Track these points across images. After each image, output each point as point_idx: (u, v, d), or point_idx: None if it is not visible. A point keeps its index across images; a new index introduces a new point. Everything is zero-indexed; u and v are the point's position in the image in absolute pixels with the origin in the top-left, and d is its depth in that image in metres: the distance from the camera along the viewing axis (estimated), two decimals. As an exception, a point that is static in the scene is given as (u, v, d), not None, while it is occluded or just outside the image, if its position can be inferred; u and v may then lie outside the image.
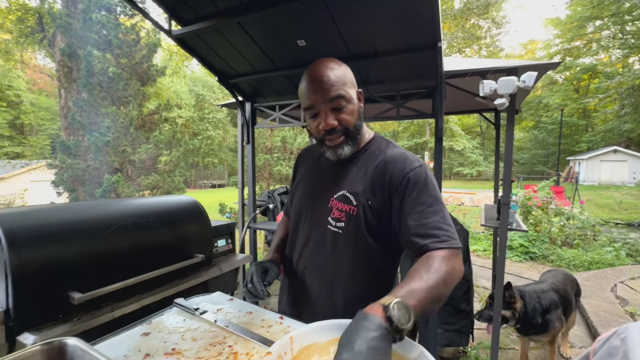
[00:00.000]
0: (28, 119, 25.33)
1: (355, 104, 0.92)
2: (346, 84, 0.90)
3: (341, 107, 0.88)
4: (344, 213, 0.92)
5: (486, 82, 1.91)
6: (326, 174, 1.02)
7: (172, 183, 5.97)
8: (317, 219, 0.99)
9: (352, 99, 0.90)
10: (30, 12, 10.86)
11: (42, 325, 1.17)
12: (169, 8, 1.88)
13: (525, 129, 32.02)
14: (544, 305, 2.22)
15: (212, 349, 0.81)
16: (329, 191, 0.97)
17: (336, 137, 0.90)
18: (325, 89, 0.87)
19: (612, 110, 22.01)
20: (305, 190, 1.07)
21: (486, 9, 25.31)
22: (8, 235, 1.14)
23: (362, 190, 0.91)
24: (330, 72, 0.88)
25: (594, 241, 5.99)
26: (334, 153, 0.93)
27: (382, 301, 0.62)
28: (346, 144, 0.92)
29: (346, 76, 0.91)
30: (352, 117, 0.90)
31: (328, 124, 0.88)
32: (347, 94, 0.89)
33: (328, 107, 0.88)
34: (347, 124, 0.90)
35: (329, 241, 0.95)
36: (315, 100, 0.88)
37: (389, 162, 0.90)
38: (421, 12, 1.61)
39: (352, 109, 0.90)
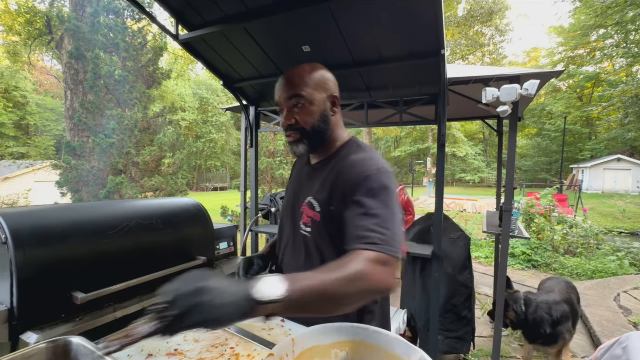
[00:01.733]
0: (33, 120, 25.58)
1: (320, 106, 0.93)
2: (311, 86, 0.92)
3: (299, 106, 0.92)
4: (310, 219, 0.95)
5: (489, 90, 1.92)
6: (304, 179, 1.05)
7: (174, 185, 6.00)
8: (293, 223, 1.02)
9: (314, 100, 0.92)
10: (38, 14, 11.02)
11: (45, 324, 1.18)
12: (176, 13, 1.91)
13: (528, 136, 31.97)
14: (554, 316, 2.18)
15: (213, 350, 0.82)
16: (302, 196, 1.01)
17: (292, 133, 0.95)
18: (286, 87, 0.93)
19: (616, 118, 21.94)
20: (288, 193, 1.12)
21: (489, 17, 25.42)
22: (14, 234, 1.16)
23: (325, 196, 0.92)
24: (296, 73, 0.93)
25: (597, 250, 5.94)
26: (291, 149, 0.98)
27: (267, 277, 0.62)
28: (301, 142, 0.94)
29: (315, 80, 0.93)
30: (311, 118, 0.92)
31: (286, 120, 0.94)
32: (307, 95, 0.91)
33: (288, 105, 0.93)
34: (303, 124, 0.92)
35: (302, 244, 0.98)
36: (279, 97, 0.95)
37: (349, 166, 0.89)
38: (425, 19, 1.63)
39: (313, 110, 0.92)
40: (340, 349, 0.71)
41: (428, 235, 2.65)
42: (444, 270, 2.52)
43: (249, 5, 1.74)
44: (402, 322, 2.01)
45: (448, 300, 2.54)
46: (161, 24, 1.98)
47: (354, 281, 0.65)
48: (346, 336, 0.72)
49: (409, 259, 2.69)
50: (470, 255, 2.62)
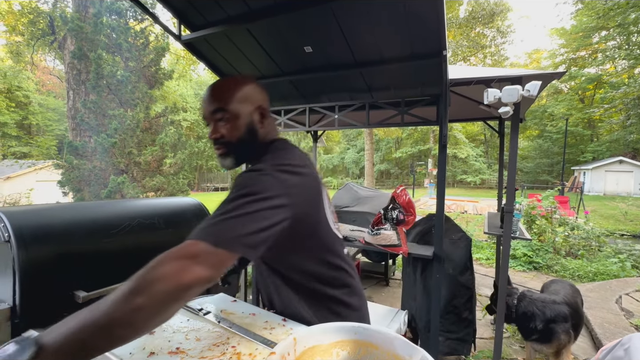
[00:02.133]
0: (36, 120, 25.69)
1: (245, 119, 0.91)
2: (235, 100, 0.90)
3: (224, 120, 0.90)
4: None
5: (490, 91, 1.92)
6: None
7: (176, 185, 6.01)
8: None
9: (239, 114, 0.90)
10: (42, 15, 11.08)
11: (47, 323, 1.18)
12: (179, 13, 1.92)
13: (530, 137, 31.90)
14: (548, 314, 2.19)
15: (215, 349, 0.82)
16: None
17: (218, 147, 0.93)
18: (211, 101, 0.91)
19: (618, 120, 21.90)
20: None
21: (491, 18, 25.43)
22: (17, 232, 1.16)
23: None
24: (221, 87, 0.92)
25: (598, 252, 5.92)
26: (219, 162, 0.96)
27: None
28: (228, 155, 0.93)
29: (238, 93, 0.91)
30: (237, 131, 0.91)
31: (211, 135, 0.92)
32: (231, 109, 0.89)
33: (213, 119, 0.91)
34: (228, 138, 0.91)
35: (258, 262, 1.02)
36: (204, 110, 0.93)
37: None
38: (427, 20, 1.63)
39: (238, 124, 0.91)
40: (341, 349, 0.71)
41: (429, 236, 2.65)
42: (445, 271, 2.51)
43: (252, 6, 1.75)
44: (403, 323, 2.01)
45: (449, 301, 2.54)
46: (164, 25, 1.99)
47: (128, 297, 0.54)
48: (348, 335, 0.72)
49: (410, 260, 2.69)
50: (471, 256, 2.61)
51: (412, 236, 2.78)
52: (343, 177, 34.57)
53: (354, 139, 35.63)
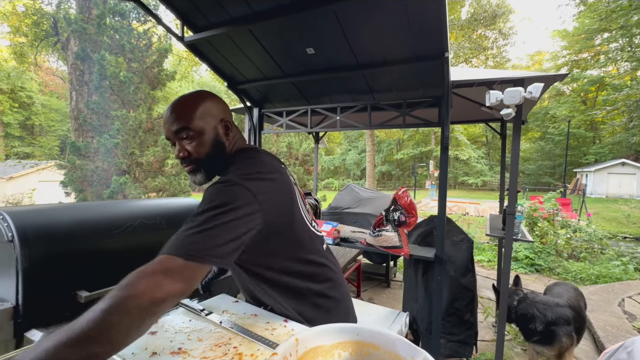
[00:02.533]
0: (38, 120, 25.83)
1: (210, 135, 0.91)
2: (197, 117, 0.89)
3: (189, 138, 0.90)
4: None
5: (493, 93, 1.92)
6: None
7: (178, 186, 6.03)
8: None
9: (204, 131, 0.90)
10: (45, 16, 11.16)
11: (49, 323, 1.19)
12: (182, 15, 1.93)
13: (532, 139, 31.82)
14: (549, 316, 2.18)
15: (217, 349, 0.82)
16: None
17: (187, 165, 0.93)
18: (172, 121, 0.89)
19: (620, 122, 21.84)
20: None
21: (493, 20, 25.44)
22: (20, 232, 1.17)
23: None
24: (180, 105, 0.90)
25: (601, 255, 5.89)
26: (190, 179, 0.96)
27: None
28: (199, 171, 0.93)
29: (199, 110, 0.90)
30: (203, 148, 0.91)
31: (177, 154, 0.91)
32: (194, 127, 0.89)
33: (178, 138, 0.91)
34: (197, 155, 0.91)
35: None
36: (167, 131, 0.92)
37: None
38: (429, 22, 1.64)
39: (204, 140, 0.91)
40: (343, 349, 0.71)
41: (431, 237, 2.64)
42: (447, 273, 2.51)
43: (254, 8, 1.76)
44: (404, 325, 2.00)
45: (450, 303, 2.53)
46: (167, 26, 2.01)
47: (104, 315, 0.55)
48: (349, 337, 0.73)
49: (412, 262, 2.68)
50: (473, 258, 2.60)
51: (413, 238, 2.77)
52: (344, 178, 34.56)
53: (355, 140, 35.62)
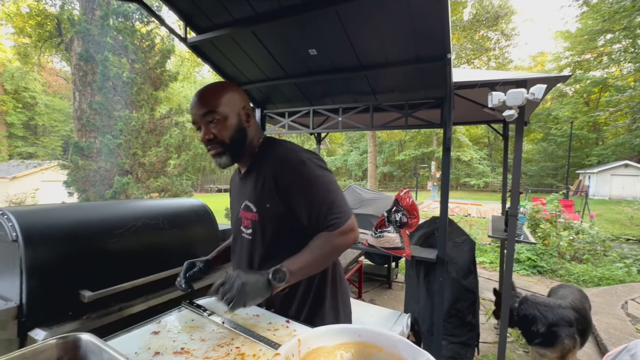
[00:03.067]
0: (42, 120, 25.97)
1: (234, 120, 1.02)
2: (223, 103, 0.99)
3: (215, 121, 0.99)
4: (250, 221, 1.06)
5: (495, 94, 1.92)
6: (237, 189, 1.17)
7: (180, 186, 6.04)
8: (236, 230, 1.14)
9: (228, 116, 1.00)
10: (49, 17, 11.22)
11: (52, 322, 1.20)
12: (185, 16, 1.94)
13: (534, 141, 31.69)
14: (550, 318, 2.17)
15: (219, 349, 0.83)
16: (238, 204, 1.12)
17: (212, 147, 1.02)
18: (200, 106, 0.99)
19: (624, 124, 21.70)
20: (230, 206, 1.24)
21: (495, 21, 25.39)
22: (24, 231, 1.18)
23: (258, 196, 1.03)
24: (207, 93, 1.01)
25: (604, 257, 5.86)
26: (215, 162, 1.05)
27: (274, 267, 0.88)
28: (224, 154, 1.02)
29: (225, 97, 1.01)
30: (228, 132, 1.00)
31: (205, 136, 1.00)
32: (220, 111, 0.99)
33: (204, 122, 1.00)
34: (222, 138, 1.00)
35: (245, 248, 1.10)
36: (194, 115, 1.02)
37: (272, 165, 1.01)
38: (431, 23, 1.64)
39: (229, 125, 1.00)
40: (345, 350, 0.71)
41: (433, 239, 2.64)
42: (449, 274, 2.50)
43: (257, 9, 1.76)
44: (406, 326, 2.00)
45: (452, 305, 2.53)
46: (170, 27, 2.02)
47: (327, 253, 0.95)
48: (352, 337, 0.73)
49: (413, 263, 2.68)
50: (475, 259, 2.60)
51: (415, 239, 2.77)
52: (346, 179, 34.53)
53: (357, 141, 35.60)
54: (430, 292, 2.49)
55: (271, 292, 0.87)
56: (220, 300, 0.83)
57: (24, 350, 0.68)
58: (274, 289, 0.87)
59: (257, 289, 0.84)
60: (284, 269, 0.87)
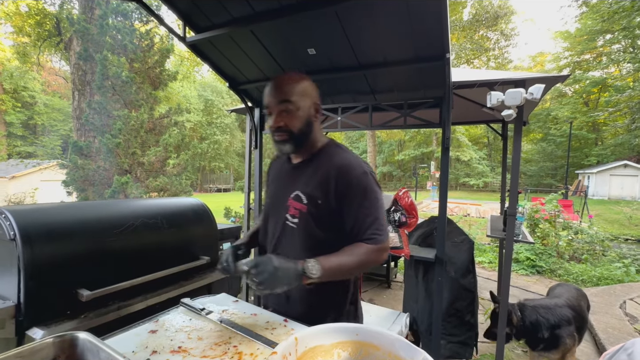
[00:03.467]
0: (41, 120, 25.92)
1: (305, 112, 1.06)
2: (298, 94, 1.04)
3: (288, 111, 1.04)
4: (298, 210, 1.07)
5: (494, 94, 1.92)
6: (287, 176, 1.18)
7: (179, 186, 6.04)
8: (279, 217, 1.14)
9: (301, 107, 1.05)
10: (48, 16, 11.19)
11: (50, 321, 1.20)
12: (184, 15, 1.94)
13: (533, 141, 31.72)
14: (552, 320, 2.17)
15: (217, 348, 0.83)
16: (287, 191, 1.12)
17: (280, 134, 1.06)
18: (277, 93, 1.04)
19: (623, 124, 21.74)
20: (272, 192, 1.24)
21: (495, 21, 25.39)
22: (22, 230, 1.18)
23: (312, 190, 1.06)
24: (286, 82, 1.05)
25: (602, 256, 5.87)
26: (278, 148, 1.10)
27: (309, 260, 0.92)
28: (288, 142, 1.06)
29: (301, 88, 1.06)
30: (298, 122, 1.05)
31: (275, 123, 1.05)
32: (295, 101, 1.04)
33: (278, 109, 1.05)
34: (291, 127, 1.05)
35: (288, 235, 1.11)
36: (269, 101, 1.06)
37: (336, 168, 1.04)
38: (430, 23, 1.64)
39: (300, 115, 1.05)
40: (342, 349, 0.72)
41: (431, 238, 2.64)
42: (447, 274, 2.51)
43: (256, 8, 1.76)
44: (405, 325, 2.00)
45: (451, 304, 2.53)
46: (169, 26, 2.01)
47: (361, 263, 0.98)
48: (349, 336, 0.73)
49: (412, 262, 2.68)
50: (473, 259, 2.60)
51: (414, 239, 2.77)
52: (345, 179, 34.42)
53: (356, 141, 35.59)
54: (429, 291, 2.50)
55: (300, 282, 0.89)
56: (250, 281, 0.85)
57: (20, 348, 0.68)
58: (304, 280, 0.90)
59: (288, 276, 0.86)
60: (318, 264, 0.91)
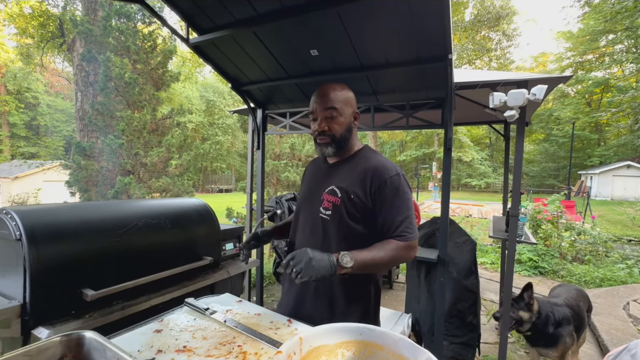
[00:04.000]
0: (44, 121, 26.06)
1: (347, 119, 1.18)
2: (342, 102, 1.16)
3: (332, 117, 1.15)
4: (331, 203, 1.16)
5: (496, 94, 1.92)
6: (323, 174, 1.28)
7: (181, 186, 6.05)
8: (312, 209, 1.23)
9: (343, 114, 1.17)
10: (52, 18, 11.27)
11: (55, 320, 1.20)
12: (187, 17, 1.95)
13: (536, 141, 31.62)
14: (556, 317, 2.18)
15: (221, 348, 0.83)
16: (322, 186, 1.22)
17: (324, 138, 1.17)
18: (323, 100, 1.16)
19: (626, 124, 21.62)
20: (307, 187, 1.34)
21: (497, 22, 25.33)
22: (28, 231, 1.19)
23: (347, 185, 1.15)
24: (332, 90, 1.17)
25: (605, 257, 5.85)
26: (320, 150, 1.21)
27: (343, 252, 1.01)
28: (330, 145, 1.18)
29: (344, 97, 1.18)
30: (340, 128, 1.17)
31: (320, 127, 1.16)
32: (339, 109, 1.15)
33: (323, 115, 1.16)
34: (334, 131, 1.16)
35: (320, 226, 1.19)
36: (315, 107, 1.18)
37: (372, 168, 1.14)
38: (432, 24, 1.64)
39: (342, 121, 1.17)
40: (346, 349, 0.72)
41: (434, 239, 2.64)
42: (450, 275, 2.50)
43: (259, 10, 1.77)
44: (407, 326, 2.00)
45: (453, 305, 2.53)
46: (172, 28, 2.02)
47: (390, 261, 1.07)
48: (353, 336, 0.73)
49: (414, 263, 2.68)
50: (476, 260, 2.60)
51: (416, 239, 2.77)
52: (347, 179, 34.39)
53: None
54: (431, 292, 2.49)
55: (335, 272, 0.96)
56: (288, 272, 0.93)
57: (28, 347, 0.69)
58: (339, 270, 0.97)
59: (323, 266, 0.94)
60: (350, 256, 0.99)
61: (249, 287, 2.98)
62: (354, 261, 0.98)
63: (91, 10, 6.63)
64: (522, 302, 2.20)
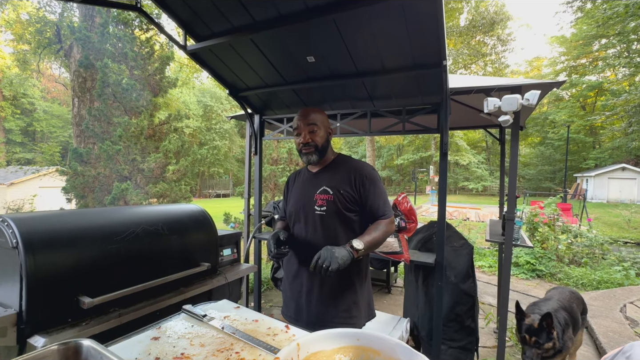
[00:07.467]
0: (40, 126, 25.95)
1: (325, 133, 1.50)
2: (320, 121, 1.48)
3: (314, 131, 1.46)
4: (325, 201, 1.44)
5: (490, 100, 1.95)
6: (309, 182, 1.55)
7: (179, 192, 6.03)
8: (308, 211, 1.48)
9: (322, 129, 1.48)
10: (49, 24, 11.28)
11: (52, 329, 1.20)
12: (184, 24, 1.97)
13: (532, 144, 31.85)
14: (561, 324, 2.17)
15: (219, 354, 0.83)
16: (313, 190, 1.49)
17: (309, 148, 1.46)
18: (306, 118, 1.47)
19: (620, 127, 21.85)
20: (297, 195, 1.58)
21: (492, 27, 25.58)
22: (25, 238, 1.18)
23: (336, 184, 1.45)
24: (312, 112, 1.49)
25: (602, 260, 5.87)
26: (307, 158, 1.49)
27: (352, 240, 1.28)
28: (314, 153, 1.47)
29: (321, 117, 1.50)
30: (320, 139, 1.47)
31: (305, 139, 1.46)
32: (319, 124, 1.47)
33: (307, 129, 1.46)
34: (316, 142, 1.46)
35: (317, 222, 1.45)
36: (299, 124, 1.48)
37: (353, 168, 1.48)
38: (427, 31, 1.67)
39: (322, 134, 1.48)
40: (344, 354, 0.72)
41: (431, 243, 2.65)
42: (447, 279, 2.51)
43: (256, 18, 1.79)
44: (405, 330, 2.00)
45: (451, 309, 2.53)
46: (170, 35, 2.04)
47: (384, 234, 1.37)
48: (350, 341, 0.74)
49: (412, 267, 2.68)
50: (473, 264, 2.61)
51: (413, 243, 2.78)
52: (345, 183, 34.38)
53: (355, 146, 35.66)
54: (429, 296, 2.50)
55: (353, 257, 1.22)
56: (318, 269, 1.16)
57: (26, 356, 0.68)
58: (355, 254, 1.23)
59: (343, 255, 1.19)
60: (359, 240, 1.27)
61: (246, 292, 2.97)
62: (364, 244, 1.25)
63: (89, 17, 6.66)
64: (544, 333, 2.05)
